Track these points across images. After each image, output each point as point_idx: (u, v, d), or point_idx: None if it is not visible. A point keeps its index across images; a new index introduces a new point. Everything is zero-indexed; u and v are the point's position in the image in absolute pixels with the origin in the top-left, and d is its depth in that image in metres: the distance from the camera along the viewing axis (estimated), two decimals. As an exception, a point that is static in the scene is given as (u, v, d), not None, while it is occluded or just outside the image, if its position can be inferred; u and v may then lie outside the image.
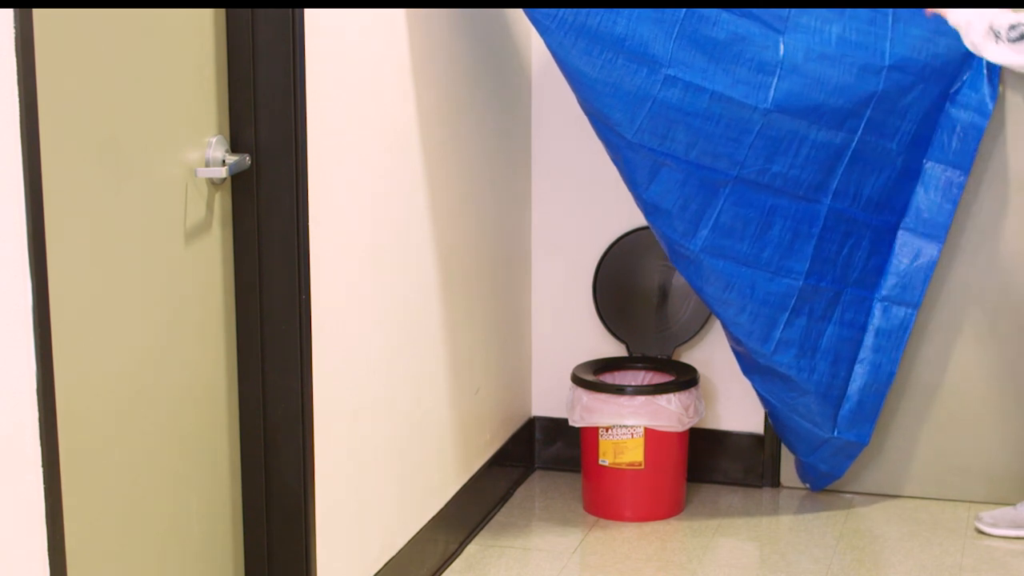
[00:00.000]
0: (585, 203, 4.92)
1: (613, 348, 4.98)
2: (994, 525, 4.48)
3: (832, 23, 4.19)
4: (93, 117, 2.80)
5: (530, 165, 4.93)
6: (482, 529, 4.60)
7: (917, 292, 4.52)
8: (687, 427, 4.64)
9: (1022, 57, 3.93)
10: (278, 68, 3.26)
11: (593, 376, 4.72)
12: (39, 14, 2.53)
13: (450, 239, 4.24)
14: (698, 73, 4.02)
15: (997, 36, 3.93)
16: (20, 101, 2.43)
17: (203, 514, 3.30)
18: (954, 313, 4.67)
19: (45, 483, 2.56)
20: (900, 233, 4.48)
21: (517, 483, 4.97)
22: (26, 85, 2.44)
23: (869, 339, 4.51)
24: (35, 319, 2.50)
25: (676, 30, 3.98)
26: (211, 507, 3.34)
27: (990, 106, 4.42)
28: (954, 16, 4.01)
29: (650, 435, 4.60)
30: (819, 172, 4.24)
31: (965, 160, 4.46)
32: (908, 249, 4.49)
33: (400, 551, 4.01)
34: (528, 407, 5.12)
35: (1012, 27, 3.90)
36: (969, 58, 4.35)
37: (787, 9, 4.15)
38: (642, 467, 4.63)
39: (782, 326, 4.33)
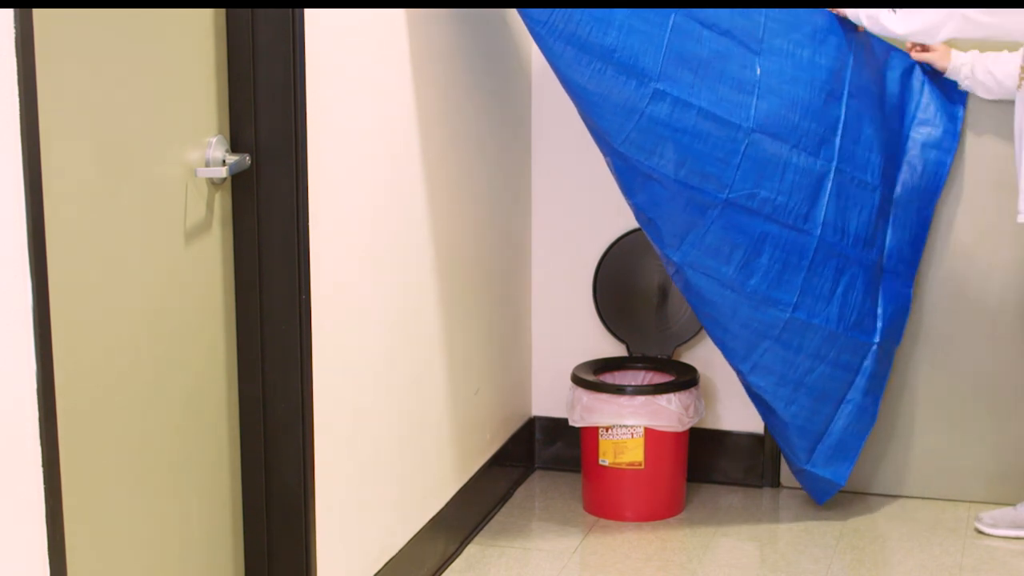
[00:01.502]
0: (585, 203, 4.92)
1: (613, 348, 4.98)
2: (994, 525, 4.48)
3: (803, 47, 4.21)
4: (93, 117, 2.80)
5: (530, 165, 4.93)
6: (482, 529, 4.60)
7: (899, 334, 4.58)
8: (687, 427, 4.65)
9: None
10: (278, 68, 3.26)
11: (593, 376, 4.72)
12: (39, 14, 2.53)
13: (450, 239, 4.24)
14: (685, 88, 4.01)
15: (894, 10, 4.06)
16: (20, 101, 2.43)
17: (203, 514, 3.31)
18: (954, 313, 4.67)
19: (45, 483, 2.56)
20: (884, 275, 4.50)
21: (517, 483, 4.97)
22: (26, 85, 2.44)
23: (861, 381, 4.52)
24: (35, 319, 2.50)
25: (664, 44, 3.97)
26: (211, 507, 3.34)
27: (954, 143, 4.47)
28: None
29: (650, 435, 4.60)
30: (805, 201, 4.24)
31: (931, 195, 4.50)
32: (891, 293, 4.51)
33: (400, 551, 4.01)
34: (528, 407, 5.12)
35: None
36: (925, 91, 4.46)
37: (762, 30, 4.15)
38: (642, 467, 4.63)
39: (761, 351, 4.33)
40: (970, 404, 4.72)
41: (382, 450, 3.89)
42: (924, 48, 4.39)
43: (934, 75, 4.46)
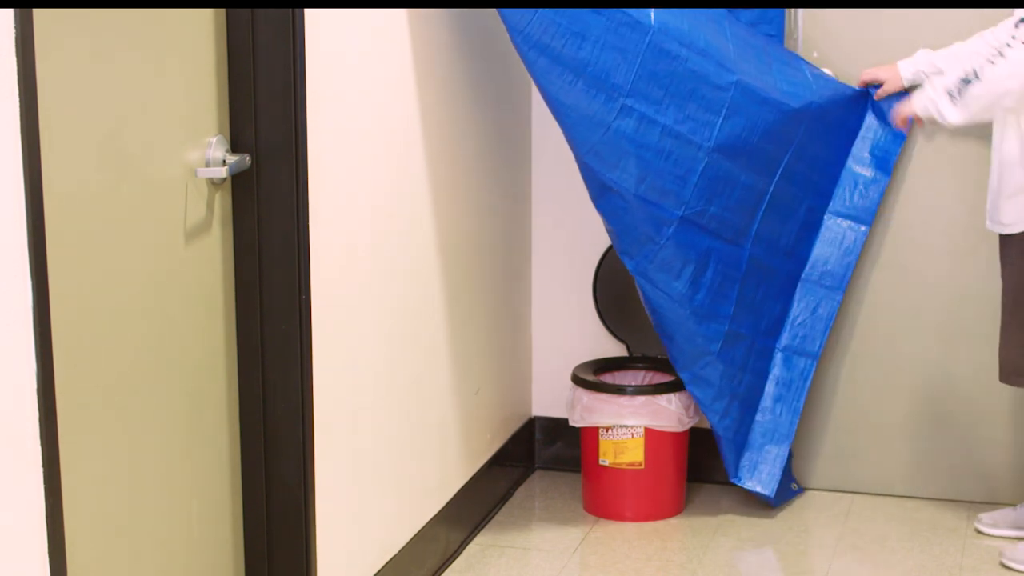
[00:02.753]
0: (585, 203, 4.89)
1: (613, 348, 4.98)
2: (994, 526, 4.48)
3: (769, 72, 4.23)
4: (93, 117, 2.80)
5: (530, 165, 4.93)
6: (482, 529, 4.60)
7: (817, 343, 4.62)
8: (687, 427, 4.65)
9: (978, 113, 4.04)
10: (278, 68, 3.26)
11: (593, 376, 4.72)
12: (39, 14, 2.53)
13: (450, 239, 4.24)
14: (653, 105, 4.04)
15: (952, 96, 3.99)
16: (20, 101, 2.43)
17: (203, 513, 3.31)
18: (954, 312, 4.67)
19: (45, 483, 2.56)
20: (800, 284, 4.55)
21: (517, 483, 4.97)
22: (26, 85, 2.44)
23: (770, 388, 4.60)
24: (35, 318, 2.50)
25: (639, 61, 3.98)
26: (211, 507, 3.34)
27: (892, 163, 4.51)
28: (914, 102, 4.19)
29: (650, 435, 4.60)
30: (744, 216, 4.31)
31: (866, 214, 4.54)
32: (808, 300, 4.58)
33: (400, 550, 4.01)
34: (528, 407, 5.12)
35: (963, 80, 3.95)
36: (869, 115, 4.50)
37: (734, 52, 4.15)
38: (642, 467, 4.63)
39: (703, 364, 4.40)
40: (971, 405, 4.71)
41: (382, 450, 3.89)
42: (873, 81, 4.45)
43: (881, 114, 4.51)
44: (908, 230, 4.66)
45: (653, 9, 4.01)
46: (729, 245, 4.31)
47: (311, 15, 3.32)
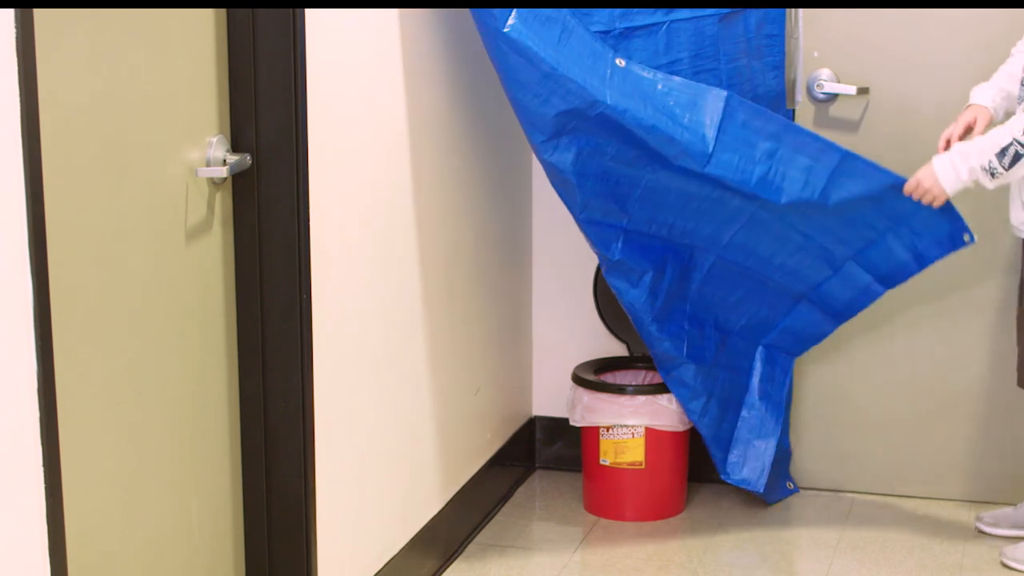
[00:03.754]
0: (586, 203, 4.92)
1: (614, 348, 4.98)
2: (995, 525, 4.48)
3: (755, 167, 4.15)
4: (94, 117, 2.80)
5: (531, 164, 4.93)
6: (483, 529, 4.60)
7: (802, 348, 4.65)
8: (688, 427, 4.65)
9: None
10: (279, 68, 3.26)
11: (594, 376, 4.72)
12: (40, 14, 2.53)
13: (451, 238, 4.25)
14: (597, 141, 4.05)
15: (992, 174, 3.92)
16: (21, 101, 2.43)
17: (204, 513, 3.31)
18: (955, 312, 4.67)
19: (46, 482, 2.56)
20: (803, 303, 4.52)
21: (518, 483, 4.97)
22: (27, 85, 2.44)
23: (755, 383, 4.63)
24: (36, 318, 2.51)
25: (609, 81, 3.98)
26: (212, 506, 3.34)
27: (930, 262, 4.36)
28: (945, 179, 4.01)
29: (651, 435, 4.60)
30: (711, 224, 4.27)
31: (891, 281, 4.46)
32: (807, 318, 4.55)
33: (401, 550, 4.01)
34: (529, 407, 5.12)
35: (1002, 152, 3.88)
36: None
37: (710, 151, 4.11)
38: (643, 467, 4.63)
39: (674, 366, 4.45)
40: (971, 404, 4.71)
41: (383, 449, 3.89)
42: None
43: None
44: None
45: (609, 91, 3.95)
46: (688, 249, 4.33)
47: (312, 15, 3.32)
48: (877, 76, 4.60)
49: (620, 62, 3.96)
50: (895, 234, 4.27)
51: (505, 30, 3.80)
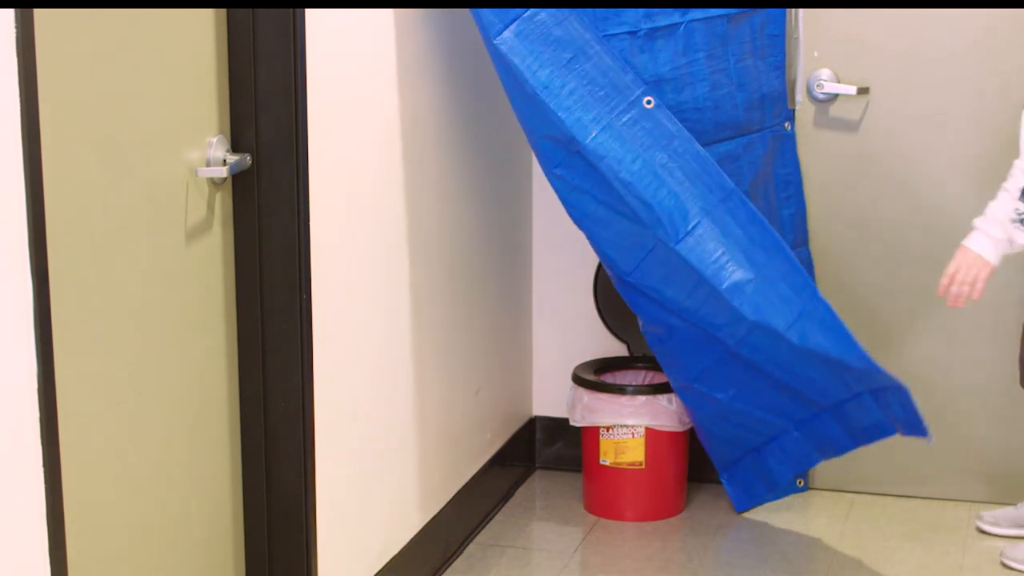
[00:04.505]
0: (586, 203, 4.92)
1: (614, 348, 4.98)
2: (995, 524, 4.48)
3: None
4: (94, 117, 2.80)
5: (531, 163, 4.93)
6: (483, 529, 4.60)
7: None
8: (688, 427, 4.65)
9: None
10: (279, 68, 3.26)
11: (594, 376, 4.72)
12: (40, 14, 2.53)
13: (451, 238, 4.25)
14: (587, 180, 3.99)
15: (1023, 221, 3.88)
16: (21, 101, 2.44)
17: (204, 514, 3.31)
18: (955, 312, 4.67)
19: (46, 483, 2.56)
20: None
21: (518, 483, 4.97)
22: (27, 85, 2.44)
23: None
24: (36, 318, 2.51)
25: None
26: (212, 507, 3.34)
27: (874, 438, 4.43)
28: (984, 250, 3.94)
29: (651, 435, 4.60)
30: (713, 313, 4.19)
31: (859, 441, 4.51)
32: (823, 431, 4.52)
33: (401, 550, 4.01)
34: (529, 407, 5.12)
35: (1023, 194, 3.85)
36: None
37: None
38: (643, 467, 4.63)
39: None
40: (972, 403, 4.71)
41: (382, 449, 3.89)
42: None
43: None
44: (908, 229, 4.66)
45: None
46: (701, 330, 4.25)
47: (312, 15, 3.32)
48: (877, 76, 4.60)
49: (648, 102, 3.87)
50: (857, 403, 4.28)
51: (495, 41, 3.75)
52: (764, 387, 4.30)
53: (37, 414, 2.53)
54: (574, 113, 3.81)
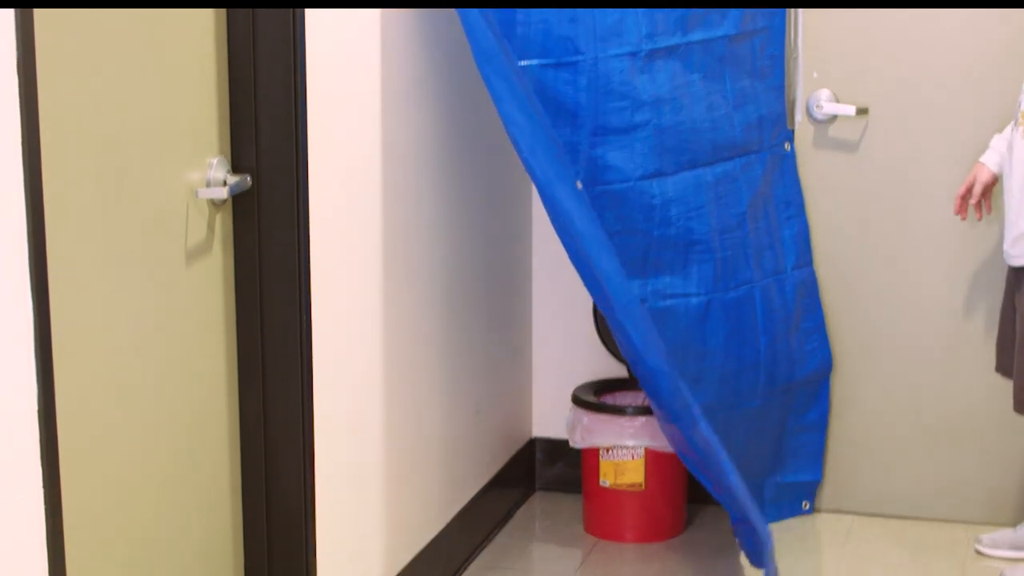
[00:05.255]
0: (585, 224, 4.92)
1: (614, 369, 4.98)
2: (994, 546, 4.47)
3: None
4: (94, 137, 2.81)
5: (530, 184, 4.93)
6: (482, 551, 4.59)
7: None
8: (687, 448, 4.64)
9: None
10: (279, 90, 3.27)
11: (594, 397, 4.72)
12: (40, 32, 2.53)
13: (451, 259, 4.25)
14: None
15: None
16: (22, 120, 2.44)
17: (204, 532, 3.30)
18: (952, 334, 4.67)
19: (46, 501, 2.56)
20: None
21: (517, 504, 4.97)
22: (27, 103, 2.44)
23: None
24: (36, 337, 2.51)
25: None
26: (212, 525, 3.34)
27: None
28: None
29: (651, 456, 4.60)
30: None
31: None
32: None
33: (401, 572, 4.01)
34: (528, 428, 5.12)
35: None
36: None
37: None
38: (643, 488, 4.62)
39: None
40: (970, 425, 4.71)
41: (382, 470, 3.89)
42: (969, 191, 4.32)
43: None
44: (909, 249, 4.66)
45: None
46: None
47: (312, 35, 3.33)
48: (876, 97, 4.61)
49: (578, 184, 3.91)
50: None
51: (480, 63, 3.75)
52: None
53: (38, 433, 2.53)
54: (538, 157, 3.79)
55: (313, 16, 3.33)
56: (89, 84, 2.79)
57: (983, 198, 4.31)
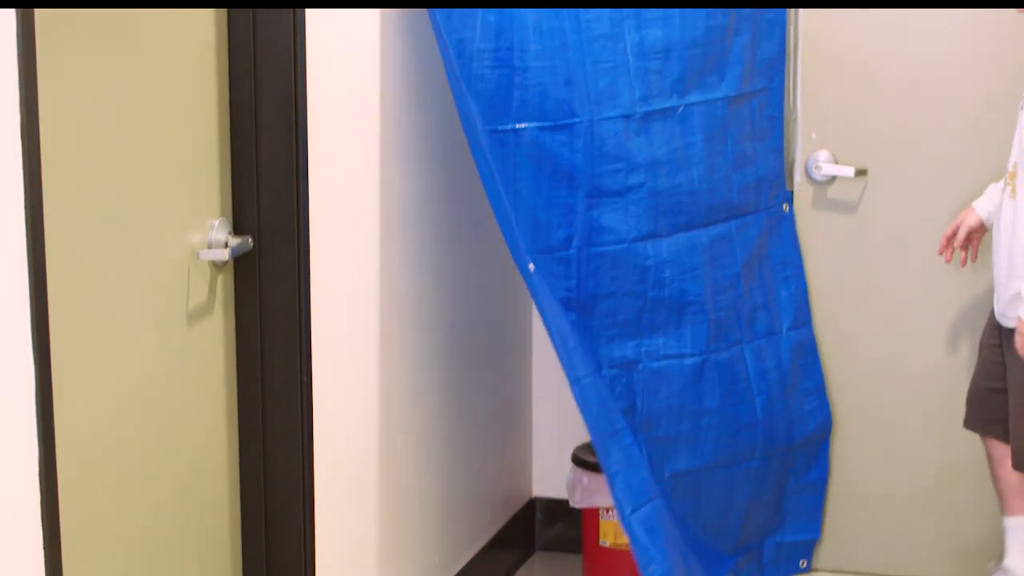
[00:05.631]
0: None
1: (614, 428, 4.97)
2: None
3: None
4: (97, 199, 2.82)
5: (531, 246, 4.95)
6: (482, 610, 4.59)
7: None
8: (688, 508, 4.64)
9: None
10: (280, 152, 3.28)
11: (594, 457, 4.70)
12: (44, 95, 2.55)
13: (450, 317, 4.26)
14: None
15: None
16: (24, 183, 2.45)
17: (203, 596, 3.30)
18: (952, 395, 4.67)
19: (46, 565, 2.55)
20: None
21: (517, 564, 4.96)
22: (30, 167, 2.45)
23: None
24: (38, 398, 2.51)
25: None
26: (211, 589, 3.34)
27: None
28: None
29: (651, 516, 4.59)
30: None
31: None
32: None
33: (400, 633, 4.00)
34: (529, 488, 5.11)
35: None
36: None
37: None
38: (643, 548, 4.61)
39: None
40: (968, 485, 4.70)
41: (383, 530, 3.89)
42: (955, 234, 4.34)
43: None
44: (908, 309, 4.67)
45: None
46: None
47: (313, 96, 3.35)
48: (875, 158, 4.63)
49: (531, 267, 3.97)
50: None
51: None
52: None
53: (39, 496, 2.53)
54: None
55: (314, 73, 3.35)
56: (93, 145, 2.80)
57: (969, 243, 4.31)
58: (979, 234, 4.31)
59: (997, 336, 4.20)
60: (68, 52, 2.71)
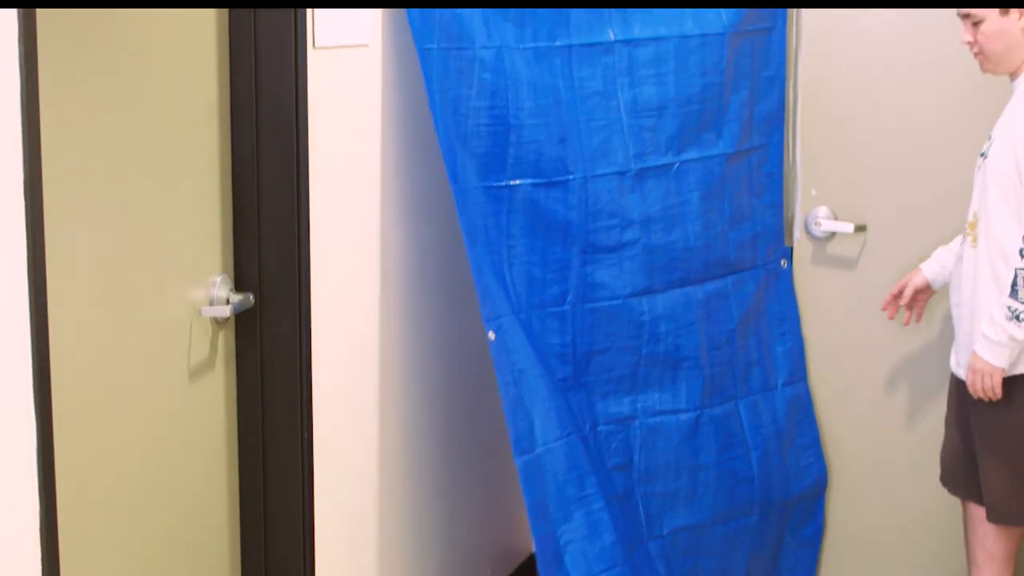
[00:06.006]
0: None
1: (614, 483, 4.98)
2: None
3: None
4: (99, 257, 2.84)
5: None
6: (483, 665, 4.57)
7: None
8: (688, 563, 4.63)
9: None
10: (282, 209, 3.30)
11: (594, 511, 4.70)
12: (48, 150, 2.57)
13: (452, 370, 4.26)
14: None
15: (1018, 317, 3.89)
16: (28, 242, 2.47)
17: (202, 651, 3.30)
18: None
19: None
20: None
21: (518, 618, 4.95)
22: (33, 232, 2.47)
23: None
24: (39, 456, 2.52)
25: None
26: (211, 644, 3.34)
27: None
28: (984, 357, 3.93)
29: (651, 571, 4.58)
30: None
31: None
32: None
33: None
34: (529, 541, 5.10)
35: (1012, 291, 3.85)
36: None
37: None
38: (643, 603, 4.60)
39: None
40: (963, 541, 4.70)
41: (382, 586, 3.89)
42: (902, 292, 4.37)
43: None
44: (906, 366, 4.67)
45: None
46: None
47: (315, 159, 3.37)
48: (874, 214, 4.64)
49: (491, 335, 3.91)
50: None
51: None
52: None
53: (40, 551, 2.54)
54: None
55: (316, 133, 3.38)
56: (95, 205, 2.82)
57: (915, 303, 4.34)
58: (925, 295, 4.33)
59: (957, 394, 4.16)
60: (70, 114, 2.73)
